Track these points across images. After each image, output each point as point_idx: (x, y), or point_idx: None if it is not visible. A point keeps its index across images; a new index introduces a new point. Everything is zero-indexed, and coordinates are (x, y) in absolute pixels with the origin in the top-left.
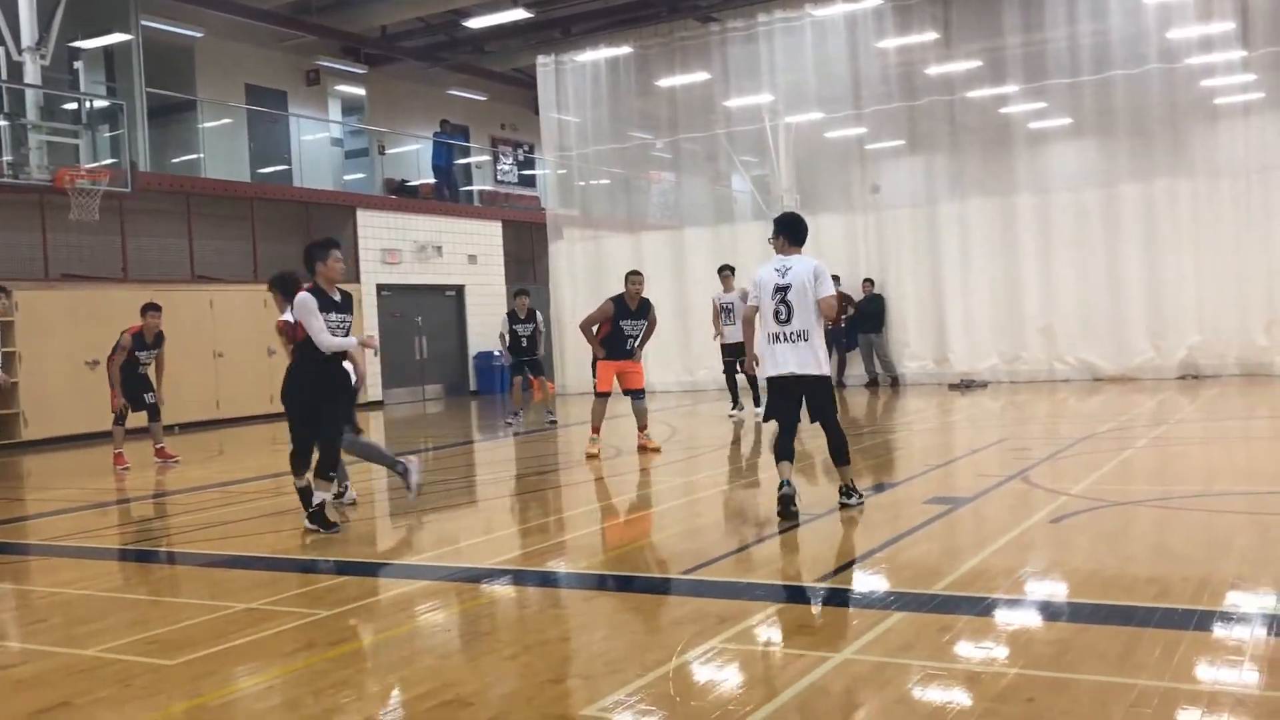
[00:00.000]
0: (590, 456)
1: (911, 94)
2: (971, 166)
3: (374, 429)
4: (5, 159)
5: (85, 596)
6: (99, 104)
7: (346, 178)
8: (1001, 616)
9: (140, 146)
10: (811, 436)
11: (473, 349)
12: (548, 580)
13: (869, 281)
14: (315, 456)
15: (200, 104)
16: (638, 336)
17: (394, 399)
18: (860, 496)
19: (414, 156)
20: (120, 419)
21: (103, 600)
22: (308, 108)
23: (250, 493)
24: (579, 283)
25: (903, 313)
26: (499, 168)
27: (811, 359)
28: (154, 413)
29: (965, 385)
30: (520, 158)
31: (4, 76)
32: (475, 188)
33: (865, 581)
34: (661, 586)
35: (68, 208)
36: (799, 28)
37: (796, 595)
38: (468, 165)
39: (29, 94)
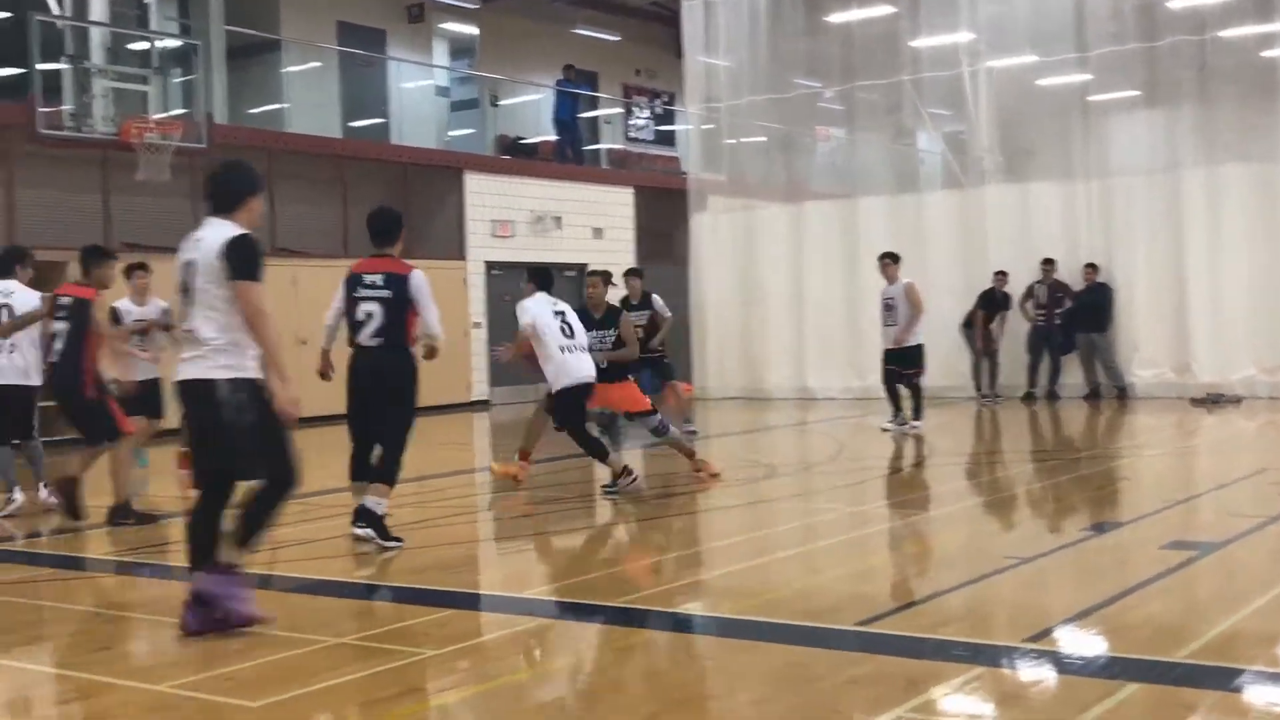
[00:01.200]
0: (508, 476)
1: (1150, 33)
2: (1225, 123)
3: (476, 434)
4: (66, 108)
5: (153, 622)
6: (170, 45)
7: (452, 134)
8: (1260, 694)
9: (217, 94)
10: (1013, 462)
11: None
12: (688, 625)
13: (1091, 267)
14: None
15: (284, 45)
16: (604, 351)
17: (500, 399)
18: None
19: (532, 109)
20: None
21: (173, 627)
22: (409, 51)
23: (338, 506)
24: (726, 262)
25: (1133, 307)
26: (631, 123)
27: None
28: None
29: (1213, 400)
30: (658, 110)
31: (68, 13)
32: (603, 146)
33: (1087, 643)
34: (831, 639)
35: (134, 165)
36: None
37: (1001, 657)
38: (594, 120)
39: (94, 34)
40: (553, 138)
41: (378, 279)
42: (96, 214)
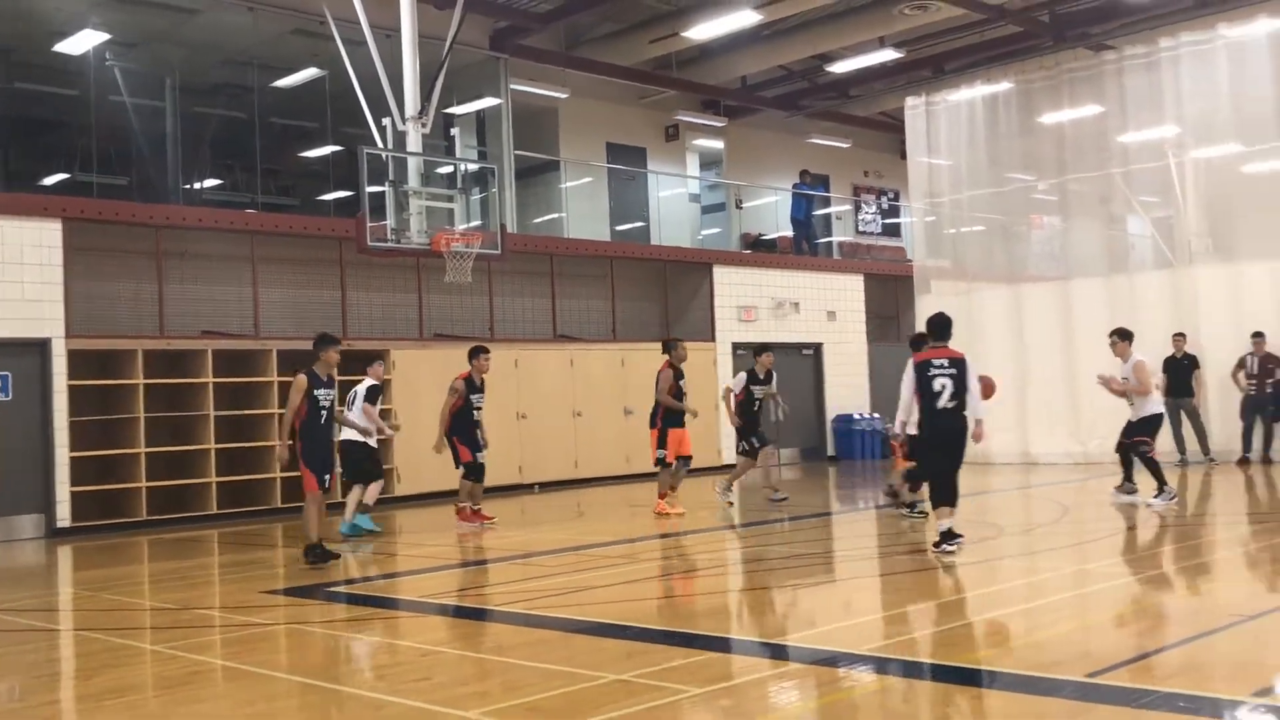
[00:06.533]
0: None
1: None
2: None
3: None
4: (389, 224)
5: (460, 657)
6: (471, 168)
7: (703, 233)
8: None
9: (509, 208)
10: (1232, 524)
11: (830, 411)
12: (919, 672)
13: None
14: None
15: (563, 164)
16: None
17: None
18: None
19: (772, 209)
20: (472, 473)
21: (476, 661)
22: (666, 164)
23: (609, 557)
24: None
25: None
26: (860, 218)
27: None
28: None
29: None
30: (884, 206)
31: (391, 146)
32: (835, 239)
33: None
34: (1062, 690)
35: (442, 270)
36: (1209, 51)
37: (1226, 710)
38: (828, 216)
39: (411, 162)
40: (790, 234)
41: (944, 361)
42: (413, 310)
